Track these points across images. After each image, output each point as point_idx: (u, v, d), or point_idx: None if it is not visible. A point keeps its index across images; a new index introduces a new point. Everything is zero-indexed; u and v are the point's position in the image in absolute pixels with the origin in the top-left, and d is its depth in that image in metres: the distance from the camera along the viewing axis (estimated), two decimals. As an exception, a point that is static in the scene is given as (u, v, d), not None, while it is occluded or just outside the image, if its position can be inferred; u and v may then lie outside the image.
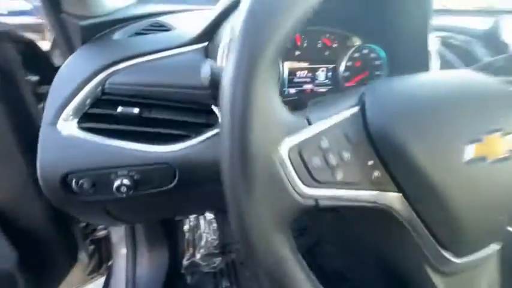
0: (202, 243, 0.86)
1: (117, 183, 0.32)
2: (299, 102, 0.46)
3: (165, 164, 0.33)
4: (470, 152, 0.19)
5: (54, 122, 0.31)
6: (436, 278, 0.22)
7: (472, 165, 0.19)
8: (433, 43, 0.41)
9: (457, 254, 0.21)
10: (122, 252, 0.71)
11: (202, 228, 0.88)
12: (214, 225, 0.91)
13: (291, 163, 0.18)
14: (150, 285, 0.66)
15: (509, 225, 0.23)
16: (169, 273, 0.72)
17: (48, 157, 0.31)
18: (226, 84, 0.17)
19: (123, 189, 0.32)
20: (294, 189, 0.18)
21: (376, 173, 0.20)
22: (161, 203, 0.40)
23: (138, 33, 0.40)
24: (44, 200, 0.45)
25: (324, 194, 0.19)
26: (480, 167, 0.20)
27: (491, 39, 0.40)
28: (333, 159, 0.19)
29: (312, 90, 0.46)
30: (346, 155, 0.19)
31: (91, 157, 0.31)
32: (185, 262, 0.82)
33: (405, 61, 0.41)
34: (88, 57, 0.36)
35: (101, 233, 0.75)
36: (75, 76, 0.33)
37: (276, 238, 0.18)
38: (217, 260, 0.85)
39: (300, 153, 0.18)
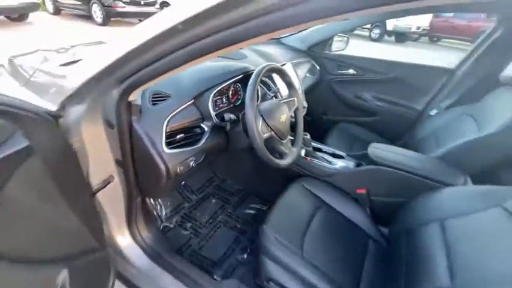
0: (163, 212, 1.29)
1: (191, 164, 0.82)
2: (219, 113, 1.07)
3: (203, 150, 0.86)
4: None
5: (164, 150, 0.75)
6: (279, 161, 0.97)
7: None
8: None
9: (284, 159, 0.98)
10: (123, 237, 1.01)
11: (159, 204, 1.29)
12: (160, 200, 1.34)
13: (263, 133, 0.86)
14: (161, 246, 1.05)
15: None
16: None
17: (172, 164, 0.75)
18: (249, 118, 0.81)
19: (193, 164, 0.83)
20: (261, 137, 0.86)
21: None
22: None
23: (154, 99, 0.82)
24: None
25: (265, 136, 0.87)
26: None
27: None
28: (263, 127, 0.87)
29: (222, 106, 1.08)
30: (264, 126, 0.88)
31: (180, 157, 0.79)
32: (160, 228, 1.24)
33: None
34: (152, 119, 0.77)
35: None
36: (156, 128, 0.76)
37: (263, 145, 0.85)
38: (176, 217, 1.33)
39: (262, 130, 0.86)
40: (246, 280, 0.99)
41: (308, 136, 1.29)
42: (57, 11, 7.84)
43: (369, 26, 9.38)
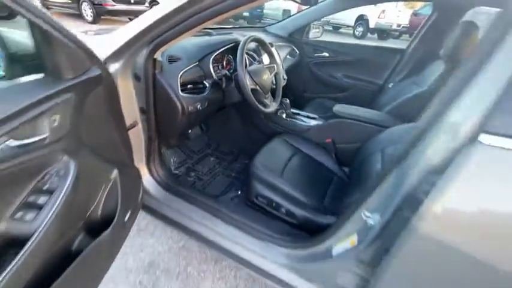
0: (171, 162, 1.58)
1: (198, 106, 1.12)
2: (219, 76, 1.37)
3: (206, 98, 1.17)
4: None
5: (180, 93, 1.05)
6: (264, 109, 1.29)
7: None
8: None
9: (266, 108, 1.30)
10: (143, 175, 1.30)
11: (168, 156, 1.59)
12: (169, 157, 1.63)
13: (250, 85, 1.18)
14: (173, 182, 1.35)
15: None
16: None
17: (185, 103, 1.06)
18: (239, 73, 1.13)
19: (200, 107, 1.13)
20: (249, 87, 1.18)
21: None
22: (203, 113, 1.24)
23: (170, 60, 1.12)
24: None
25: (252, 87, 1.19)
26: None
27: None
28: (250, 81, 1.19)
29: (220, 71, 1.39)
30: (251, 80, 1.20)
31: (191, 100, 1.09)
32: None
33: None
34: (170, 72, 1.07)
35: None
36: (174, 78, 1.06)
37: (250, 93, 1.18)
38: (183, 167, 1.62)
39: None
40: (241, 199, 1.30)
41: (287, 101, 1.61)
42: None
43: (352, 24, 9.88)
